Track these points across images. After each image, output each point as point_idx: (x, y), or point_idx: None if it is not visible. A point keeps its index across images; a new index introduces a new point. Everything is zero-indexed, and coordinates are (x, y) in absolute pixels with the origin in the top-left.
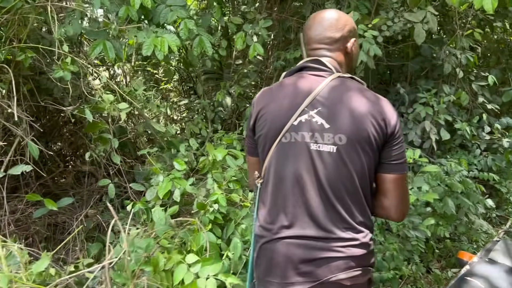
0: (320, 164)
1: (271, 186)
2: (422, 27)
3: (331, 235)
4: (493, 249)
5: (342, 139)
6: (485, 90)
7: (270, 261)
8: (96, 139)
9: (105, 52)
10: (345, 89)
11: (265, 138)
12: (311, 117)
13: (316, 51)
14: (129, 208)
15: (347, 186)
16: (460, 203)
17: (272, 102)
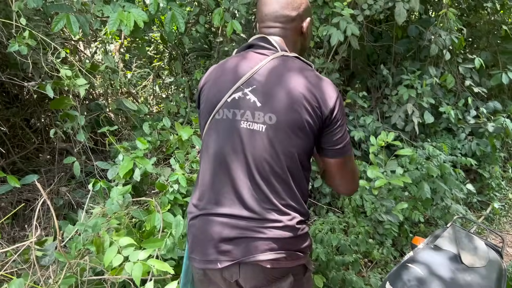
0: (248, 143)
1: (203, 162)
2: (403, 6)
3: (254, 215)
4: (440, 236)
5: (272, 118)
6: (473, 73)
7: (194, 238)
8: (62, 115)
9: (69, 26)
10: (286, 68)
11: (203, 114)
12: (245, 95)
13: (269, 29)
14: (90, 186)
15: (273, 167)
16: (436, 188)
17: (214, 78)
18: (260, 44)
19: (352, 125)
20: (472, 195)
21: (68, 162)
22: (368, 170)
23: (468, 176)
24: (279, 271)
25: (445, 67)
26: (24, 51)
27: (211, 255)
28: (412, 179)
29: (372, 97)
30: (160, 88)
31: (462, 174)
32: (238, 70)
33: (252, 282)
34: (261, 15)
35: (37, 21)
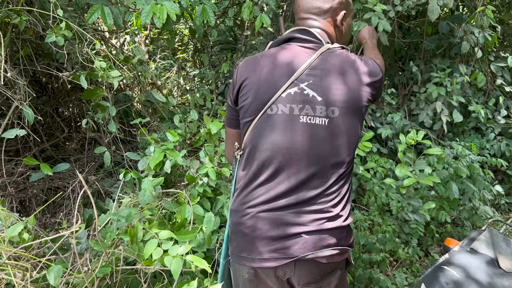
0: (309, 137)
1: (251, 159)
2: (437, 2)
3: (310, 210)
4: (477, 239)
5: (335, 111)
6: (505, 72)
7: (245, 237)
8: (94, 106)
9: (103, 18)
10: (337, 60)
11: (249, 109)
12: (302, 90)
13: (304, 20)
14: (121, 177)
15: (333, 159)
16: (464, 188)
17: (257, 72)
18: (303, 38)
19: (379, 122)
20: (500, 196)
21: (99, 152)
22: (397, 168)
23: (496, 177)
24: (330, 266)
25: (476, 65)
26: (61, 42)
27: (266, 253)
28: (440, 179)
29: (399, 94)
30: (184, 80)
31: (491, 175)
32: (289, 64)
33: (306, 279)
34: (296, 7)
35: (70, 12)
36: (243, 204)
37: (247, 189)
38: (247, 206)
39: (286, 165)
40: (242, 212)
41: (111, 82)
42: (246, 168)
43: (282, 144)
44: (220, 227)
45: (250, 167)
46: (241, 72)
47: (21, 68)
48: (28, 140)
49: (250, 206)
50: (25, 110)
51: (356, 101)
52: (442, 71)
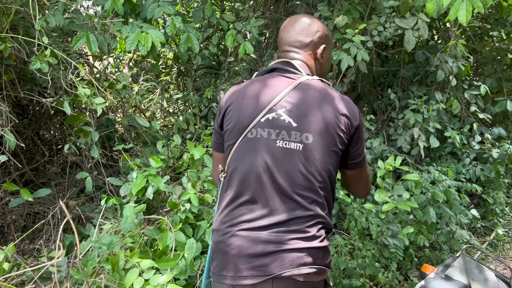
0: (284, 160)
1: (233, 180)
2: (413, 34)
3: (285, 227)
4: (451, 265)
5: (309, 138)
6: (478, 99)
7: (225, 255)
8: (77, 131)
9: (88, 45)
10: (314, 91)
11: (231, 133)
12: (278, 116)
13: (287, 53)
14: (103, 203)
15: (307, 183)
16: (442, 213)
17: (241, 99)
18: (285, 68)
19: None
20: (476, 220)
21: (80, 177)
22: (376, 194)
23: (472, 201)
24: (308, 285)
25: (451, 93)
26: (45, 69)
27: (245, 271)
28: (418, 204)
29: (378, 119)
30: (167, 102)
31: (467, 200)
32: (269, 92)
33: None
34: (280, 40)
35: (55, 37)
36: (223, 223)
37: (228, 208)
38: (227, 225)
39: (264, 187)
40: (222, 231)
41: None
42: (228, 189)
43: (260, 166)
44: (202, 253)
45: (232, 188)
46: (227, 99)
47: (3, 93)
48: (8, 164)
49: (230, 225)
50: (6, 136)
51: (330, 130)
52: (419, 98)
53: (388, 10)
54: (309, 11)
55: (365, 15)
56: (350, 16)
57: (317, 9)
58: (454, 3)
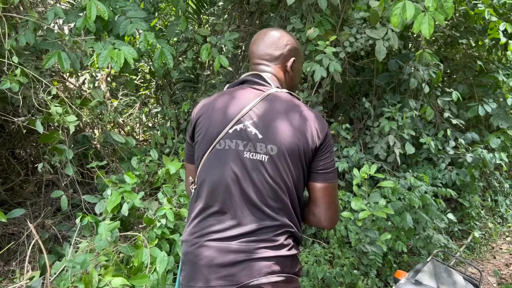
0: (252, 171)
1: (202, 191)
2: (383, 44)
3: (253, 237)
4: (421, 270)
5: (274, 149)
6: (452, 105)
7: (194, 266)
8: (51, 149)
9: (60, 63)
10: (281, 103)
11: (201, 144)
12: (246, 127)
13: (257, 65)
14: (77, 221)
15: (275, 193)
16: (418, 218)
17: (210, 110)
18: (255, 80)
19: (336, 155)
20: (453, 224)
21: (55, 196)
22: (352, 201)
23: (449, 205)
24: None
25: (425, 100)
26: (15, 88)
27: (213, 281)
28: (395, 210)
29: (355, 128)
30: (146, 117)
31: (443, 204)
32: (238, 104)
33: None
34: (251, 53)
35: (27, 55)
36: (192, 234)
37: (197, 219)
38: (196, 236)
39: (232, 198)
40: (191, 241)
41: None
42: (198, 200)
43: (228, 177)
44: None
45: (201, 199)
46: (198, 111)
47: None
48: None
49: (199, 235)
50: None
51: (295, 141)
52: (393, 106)
53: (359, 21)
54: (283, 23)
55: (337, 26)
56: (322, 28)
57: (290, 22)
58: (417, 16)
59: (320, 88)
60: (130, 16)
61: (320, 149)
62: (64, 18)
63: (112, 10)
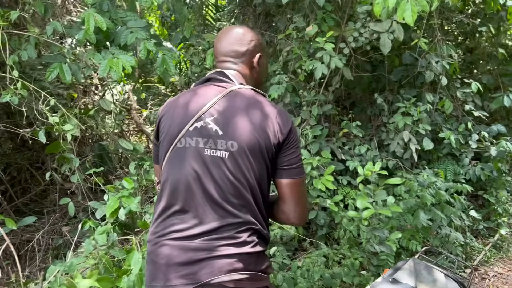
0: (213, 168)
1: (165, 191)
2: (388, 37)
3: (215, 234)
4: (401, 268)
5: (234, 145)
6: (475, 97)
7: (155, 265)
8: (59, 158)
9: (61, 75)
10: (243, 99)
11: (163, 144)
12: (206, 124)
13: (222, 63)
14: (80, 227)
15: (237, 190)
16: (433, 216)
17: (172, 109)
18: (218, 78)
19: (349, 155)
20: (478, 221)
21: (63, 203)
22: (357, 200)
23: (476, 202)
24: None
25: (444, 93)
26: (15, 101)
27: (174, 280)
28: (408, 208)
29: (373, 125)
30: None
31: (462, 201)
32: (199, 101)
33: None
34: (216, 51)
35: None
36: (154, 234)
37: (159, 219)
38: (157, 236)
39: (193, 196)
40: (153, 241)
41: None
42: (161, 200)
43: (189, 175)
44: None
45: (164, 199)
46: (162, 110)
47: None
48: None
49: (160, 235)
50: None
51: (256, 137)
52: (408, 101)
53: (363, 15)
54: (287, 23)
55: (342, 22)
56: (325, 24)
57: (292, 22)
58: (400, 3)
59: (330, 86)
60: (131, 26)
61: (284, 145)
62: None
63: (113, 21)
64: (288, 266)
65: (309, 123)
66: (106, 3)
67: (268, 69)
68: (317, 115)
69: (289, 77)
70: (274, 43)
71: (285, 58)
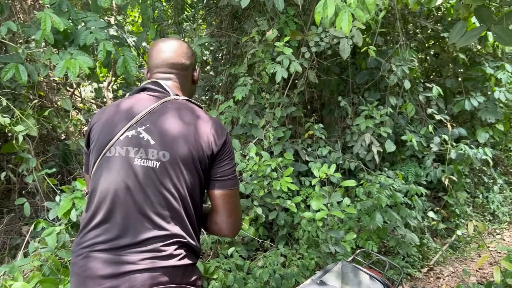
0: (142, 179)
1: (91, 201)
2: (347, 42)
3: (140, 247)
4: (330, 271)
5: (166, 155)
6: (439, 101)
7: (78, 277)
8: (16, 158)
9: (17, 75)
10: (177, 110)
11: (92, 152)
12: (138, 133)
13: (163, 74)
14: (32, 227)
15: (166, 201)
16: (388, 218)
17: (104, 118)
18: (153, 88)
19: (313, 156)
20: (437, 222)
21: (18, 203)
22: (312, 201)
23: (439, 203)
24: None
25: (408, 96)
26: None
27: None
28: (366, 209)
29: (339, 127)
30: None
31: (419, 202)
32: (131, 109)
33: None
34: (157, 62)
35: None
36: (78, 245)
37: (84, 230)
38: (81, 247)
39: (120, 207)
40: (76, 252)
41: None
42: (88, 210)
43: (117, 185)
44: None
45: (90, 209)
46: (93, 119)
47: None
48: None
49: (84, 246)
50: None
51: (190, 148)
52: (371, 104)
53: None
54: (253, 26)
55: (305, 26)
56: (288, 28)
57: (257, 24)
58: (339, 13)
59: (295, 88)
60: (90, 26)
61: (218, 156)
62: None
63: (73, 21)
64: (242, 267)
65: (272, 125)
66: (66, 3)
67: (234, 71)
68: (280, 117)
69: (254, 79)
70: (240, 45)
71: (250, 61)
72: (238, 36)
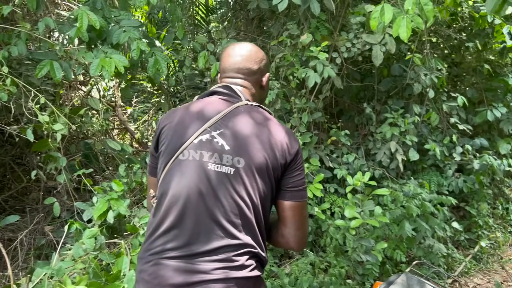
0: (216, 184)
1: (161, 205)
2: (380, 49)
3: (214, 259)
4: (394, 282)
5: (241, 162)
6: (460, 110)
7: (147, 285)
8: (46, 157)
9: (52, 72)
10: (250, 116)
11: (163, 155)
12: (212, 138)
13: (232, 79)
14: (66, 228)
15: (239, 209)
16: (417, 227)
17: (176, 120)
18: (225, 92)
19: (337, 163)
20: (459, 233)
21: (48, 203)
22: (345, 210)
23: (458, 213)
24: None
25: (430, 105)
26: (4, 97)
27: None
28: (394, 218)
29: (360, 134)
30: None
31: (445, 212)
32: (204, 113)
33: None
34: (225, 66)
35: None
36: (147, 251)
37: (153, 236)
38: (150, 253)
39: (191, 212)
40: (145, 259)
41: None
42: (156, 214)
43: (190, 189)
44: None
45: (159, 214)
46: (162, 121)
47: None
48: None
49: (153, 253)
50: None
51: (264, 155)
52: (396, 112)
53: (356, 26)
54: (281, 29)
55: (334, 32)
56: (319, 33)
57: (287, 29)
58: (396, 20)
59: (320, 94)
60: (124, 24)
61: (291, 166)
62: (56, 28)
63: (106, 19)
64: (273, 273)
65: (299, 130)
66: (100, 1)
67: None
68: (307, 122)
69: (281, 83)
70: (266, 48)
71: (277, 64)
72: (264, 40)
